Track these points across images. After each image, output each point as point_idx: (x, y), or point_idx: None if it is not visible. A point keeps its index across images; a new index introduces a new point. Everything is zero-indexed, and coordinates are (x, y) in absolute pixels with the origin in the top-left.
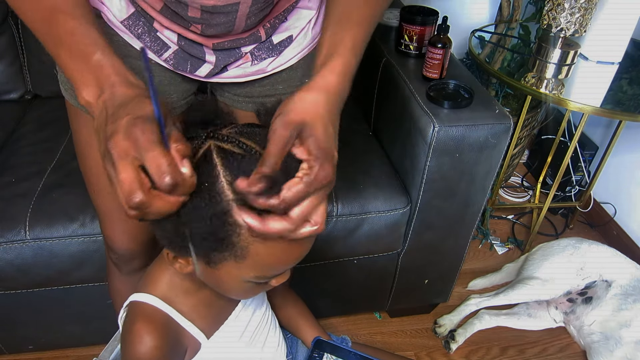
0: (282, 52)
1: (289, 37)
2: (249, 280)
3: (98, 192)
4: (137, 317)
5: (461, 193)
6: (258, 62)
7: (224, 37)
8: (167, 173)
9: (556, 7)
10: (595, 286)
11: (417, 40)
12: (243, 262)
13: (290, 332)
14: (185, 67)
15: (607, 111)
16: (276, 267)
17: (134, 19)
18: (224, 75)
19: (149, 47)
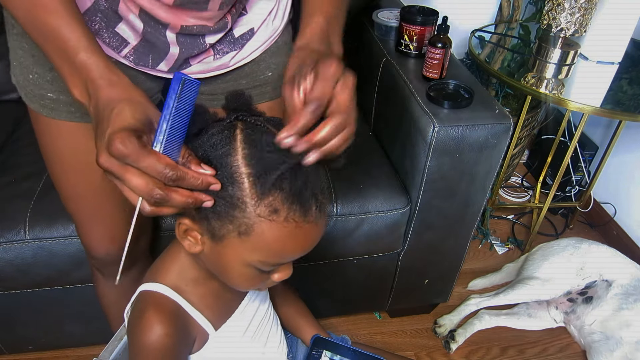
0: (244, 45)
1: (250, 30)
2: (251, 265)
3: (71, 198)
4: (148, 305)
5: (461, 193)
6: (220, 57)
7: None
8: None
9: (556, 7)
10: (595, 286)
11: (417, 40)
12: (247, 239)
13: (290, 331)
14: (147, 62)
15: (607, 111)
16: (280, 254)
17: (89, 15)
18: (187, 71)
19: (107, 44)
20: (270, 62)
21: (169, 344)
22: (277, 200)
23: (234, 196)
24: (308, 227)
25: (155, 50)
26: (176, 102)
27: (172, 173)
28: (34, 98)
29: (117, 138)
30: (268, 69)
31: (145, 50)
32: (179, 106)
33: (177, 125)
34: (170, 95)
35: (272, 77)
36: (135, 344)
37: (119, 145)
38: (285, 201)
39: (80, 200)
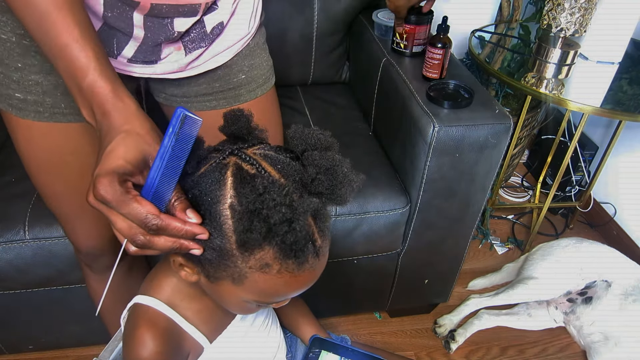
0: (214, 41)
1: (219, 23)
2: (248, 302)
3: (50, 197)
4: (140, 320)
5: (461, 193)
6: (191, 52)
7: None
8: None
9: (556, 7)
10: (595, 286)
11: (406, 38)
12: (241, 286)
13: (289, 331)
14: (111, 47)
15: (607, 111)
16: (276, 296)
17: None
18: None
19: None
20: (243, 64)
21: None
22: (268, 255)
23: (223, 248)
24: (305, 274)
25: (118, 34)
26: (173, 140)
27: (152, 223)
28: (2, 98)
29: (100, 183)
30: (241, 72)
31: (109, 34)
32: (177, 146)
33: (171, 165)
34: (168, 133)
35: (245, 79)
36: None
37: (101, 190)
38: (277, 256)
39: (59, 198)
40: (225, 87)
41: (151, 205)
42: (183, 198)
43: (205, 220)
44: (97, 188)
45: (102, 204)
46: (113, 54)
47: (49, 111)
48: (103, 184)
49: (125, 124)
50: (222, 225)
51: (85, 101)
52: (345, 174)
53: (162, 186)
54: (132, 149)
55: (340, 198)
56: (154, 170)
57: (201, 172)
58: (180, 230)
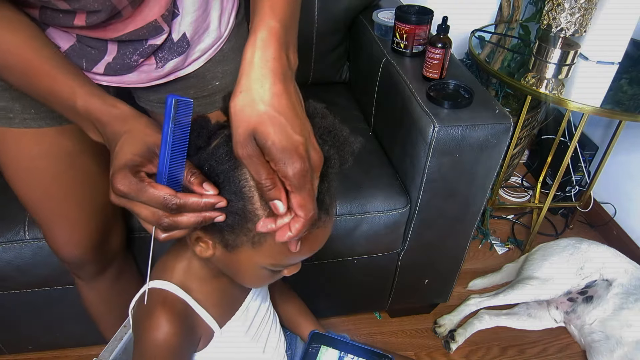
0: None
1: (183, 34)
2: (264, 267)
3: (29, 202)
4: (156, 303)
5: (461, 193)
6: (162, 64)
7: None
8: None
9: (556, 7)
10: (595, 285)
11: (406, 38)
12: (260, 248)
13: (289, 329)
14: (80, 64)
15: (607, 111)
16: (292, 257)
17: None
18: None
19: None
20: (217, 71)
21: (176, 343)
22: None
23: (246, 210)
24: (318, 231)
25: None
26: (172, 126)
27: (172, 203)
28: None
29: (115, 179)
30: (215, 79)
31: (79, 53)
32: (177, 129)
33: (177, 148)
34: (166, 120)
35: (219, 86)
36: (142, 342)
37: (118, 185)
38: None
39: (37, 205)
40: (199, 94)
41: (167, 188)
42: (197, 173)
43: (225, 187)
44: (114, 184)
45: (123, 198)
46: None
47: (19, 117)
48: (118, 179)
49: (124, 126)
50: (242, 188)
51: (87, 122)
52: (345, 137)
53: (174, 169)
54: (136, 143)
55: (343, 159)
56: (162, 156)
57: (213, 145)
58: (199, 203)
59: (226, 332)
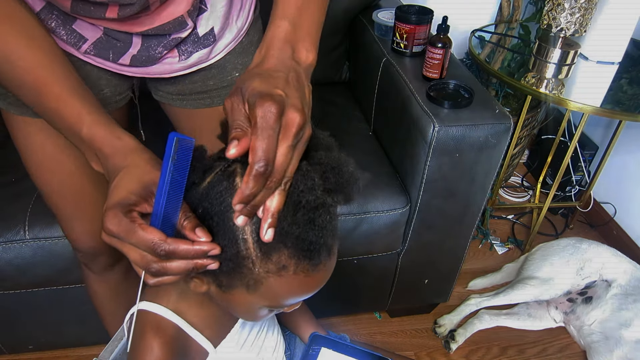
0: (207, 46)
1: (211, 29)
2: (261, 307)
3: (48, 194)
4: (146, 328)
5: (461, 193)
6: (185, 58)
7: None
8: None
9: (556, 7)
10: (595, 286)
11: (407, 38)
12: (255, 292)
13: (288, 329)
14: (107, 56)
15: (607, 111)
16: (290, 300)
17: (46, 12)
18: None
19: (64, 41)
20: (237, 62)
21: None
22: (284, 256)
23: (239, 256)
24: (318, 274)
25: (116, 45)
26: (171, 166)
27: (161, 249)
28: (1, 96)
29: (106, 218)
30: (235, 70)
31: (105, 45)
32: (175, 169)
33: (174, 189)
34: (165, 159)
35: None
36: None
37: (108, 225)
38: (292, 257)
39: (57, 196)
40: (219, 85)
41: (157, 232)
42: (192, 217)
43: (219, 231)
44: (104, 223)
45: (113, 238)
46: (108, 59)
47: None
48: (109, 217)
49: (124, 161)
50: (236, 232)
51: (90, 151)
52: (350, 173)
53: (169, 211)
54: (133, 180)
55: (347, 196)
56: (158, 197)
57: (208, 181)
58: (190, 251)
59: (221, 351)
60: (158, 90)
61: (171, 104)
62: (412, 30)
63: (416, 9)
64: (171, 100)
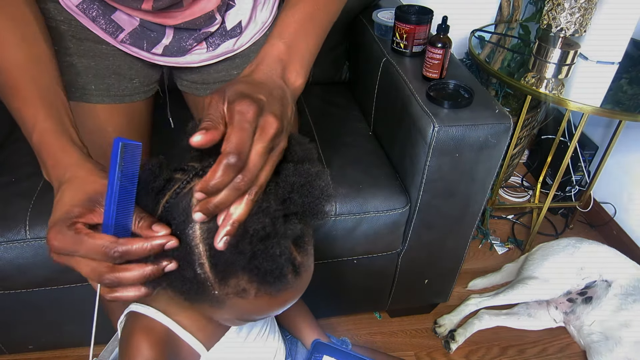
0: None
1: (238, 22)
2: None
3: None
4: (136, 329)
5: (461, 193)
6: (213, 49)
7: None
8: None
9: (556, 7)
10: (595, 286)
11: (406, 38)
12: (221, 309)
13: (289, 332)
14: (142, 45)
15: (607, 111)
16: (258, 316)
17: (88, 3)
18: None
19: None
20: None
21: None
22: (243, 281)
23: (197, 276)
24: (285, 293)
25: (150, 36)
26: (119, 173)
27: (113, 251)
28: None
29: (49, 236)
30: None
31: (140, 35)
32: (123, 175)
33: (123, 196)
34: (112, 165)
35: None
36: None
37: (52, 242)
38: (252, 282)
39: None
40: None
41: (106, 235)
42: (146, 216)
43: (177, 252)
44: (49, 241)
45: (62, 255)
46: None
47: (80, 91)
48: (52, 235)
49: (66, 173)
50: (193, 251)
51: (39, 158)
52: (322, 189)
53: (121, 218)
54: (75, 192)
55: (316, 215)
56: (108, 203)
57: (166, 199)
58: (145, 247)
59: (214, 354)
60: (183, 80)
61: (194, 94)
62: (412, 30)
63: (416, 9)
64: (195, 89)
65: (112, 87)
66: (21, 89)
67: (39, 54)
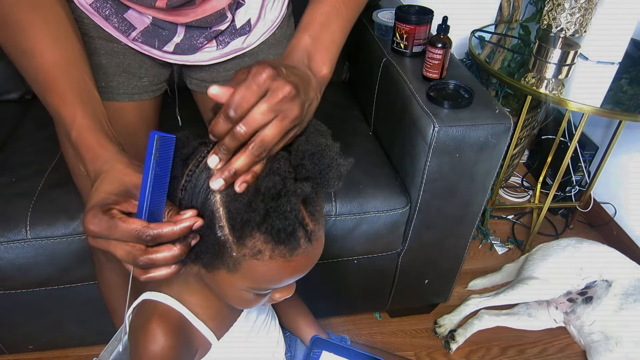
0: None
1: (247, 21)
2: (246, 290)
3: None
4: (152, 315)
5: (461, 193)
6: (223, 47)
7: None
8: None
9: (556, 7)
10: (595, 286)
11: (407, 39)
12: (236, 273)
13: (289, 330)
14: (153, 43)
15: (607, 111)
16: (272, 283)
17: (101, 2)
18: (192, 58)
19: (116, 28)
20: (269, 52)
21: (172, 355)
22: (259, 241)
23: (217, 240)
24: (298, 258)
25: (161, 34)
26: (154, 163)
27: (146, 234)
28: None
29: (85, 219)
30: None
31: (152, 34)
32: (158, 166)
33: (157, 186)
34: (147, 156)
35: None
36: (138, 354)
37: (88, 225)
38: (267, 242)
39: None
40: None
41: (138, 220)
42: (175, 208)
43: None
44: (85, 225)
45: (98, 239)
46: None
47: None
48: (88, 218)
49: (104, 166)
50: (213, 218)
51: (76, 153)
52: (332, 158)
53: (154, 204)
54: (111, 182)
55: (327, 183)
56: (143, 190)
57: (189, 168)
58: (175, 230)
59: (223, 344)
60: (193, 79)
61: (203, 92)
62: (412, 31)
63: (416, 9)
64: (204, 87)
65: (121, 85)
66: (59, 88)
67: (73, 52)
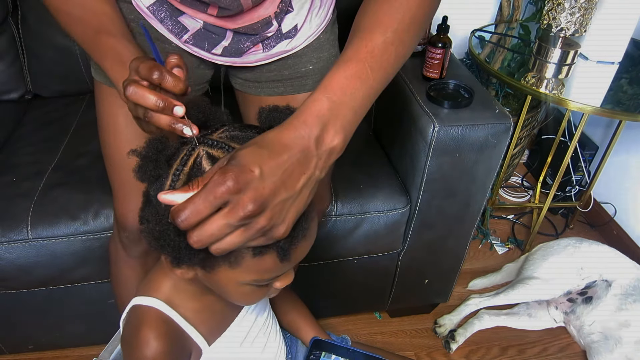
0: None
1: (294, 26)
2: (247, 284)
3: (114, 165)
4: (142, 321)
5: (461, 193)
6: (268, 50)
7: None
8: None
9: (556, 7)
10: (595, 286)
11: None
12: (237, 267)
13: (289, 332)
14: (203, 46)
15: (607, 111)
16: (273, 272)
17: (157, 5)
18: (238, 60)
19: (170, 30)
20: (312, 56)
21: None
22: None
23: None
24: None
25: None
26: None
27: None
28: (100, 71)
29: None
30: (309, 63)
31: (202, 37)
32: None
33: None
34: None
35: (312, 70)
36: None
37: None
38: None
39: (124, 169)
40: (293, 75)
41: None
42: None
43: None
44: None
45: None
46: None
47: None
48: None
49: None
50: None
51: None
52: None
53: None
54: None
55: None
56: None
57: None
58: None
59: (215, 349)
60: (237, 79)
61: (246, 91)
62: None
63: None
64: (247, 87)
65: None
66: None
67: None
